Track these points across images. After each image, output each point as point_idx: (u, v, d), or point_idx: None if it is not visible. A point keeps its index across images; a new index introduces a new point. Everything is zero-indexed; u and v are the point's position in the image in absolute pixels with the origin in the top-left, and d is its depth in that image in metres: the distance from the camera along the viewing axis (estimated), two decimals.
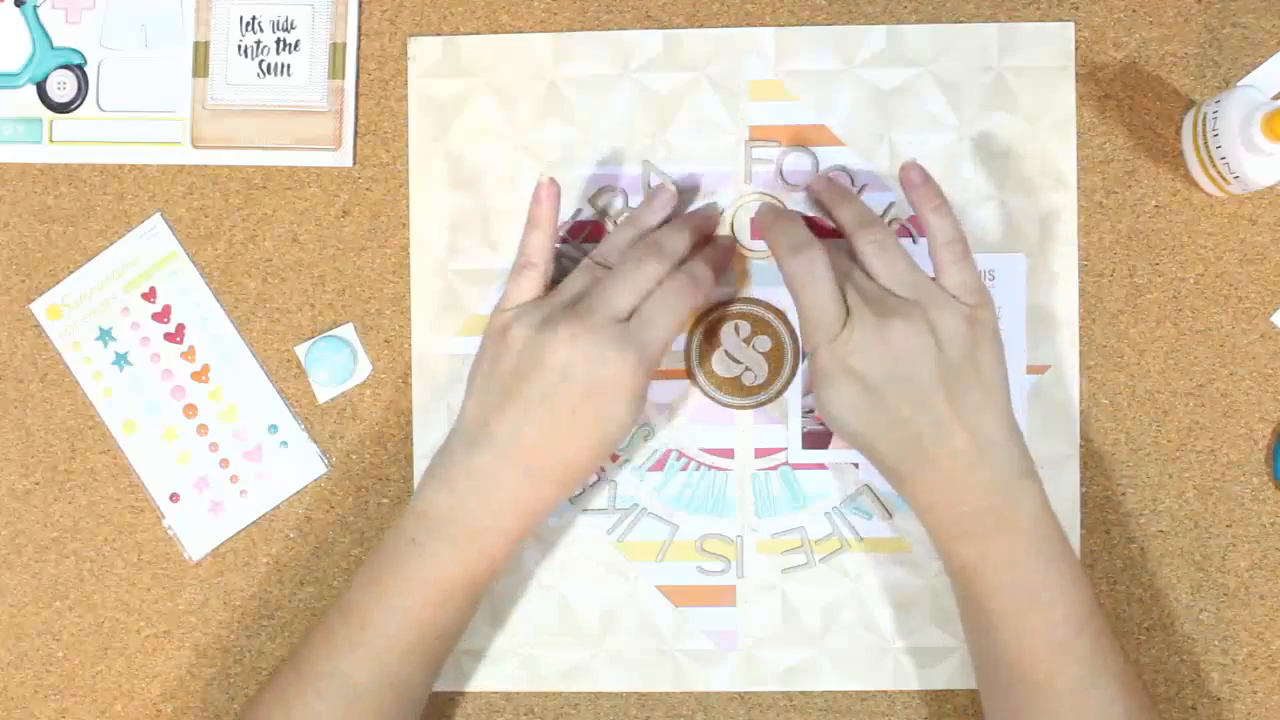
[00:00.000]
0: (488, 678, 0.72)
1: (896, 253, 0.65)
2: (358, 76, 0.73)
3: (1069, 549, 0.63)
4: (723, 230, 0.72)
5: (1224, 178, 0.68)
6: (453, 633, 0.65)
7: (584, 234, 0.73)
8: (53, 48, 0.74)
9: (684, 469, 0.72)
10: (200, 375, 0.73)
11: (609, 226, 0.73)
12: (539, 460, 0.63)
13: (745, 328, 0.73)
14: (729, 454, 0.72)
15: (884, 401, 0.62)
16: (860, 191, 0.72)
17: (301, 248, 0.73)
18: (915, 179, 0.66)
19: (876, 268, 0.64)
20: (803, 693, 0.72)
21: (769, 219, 0.68)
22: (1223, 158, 0.67)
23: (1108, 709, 0.62)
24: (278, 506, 0.73)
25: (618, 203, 0.73)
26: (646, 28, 0.73)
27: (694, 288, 0.65)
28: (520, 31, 0.73)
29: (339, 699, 0.63)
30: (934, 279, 0.64)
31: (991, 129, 0.72)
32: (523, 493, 0.63)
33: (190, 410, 0.73)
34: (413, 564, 0.63)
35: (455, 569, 0.63)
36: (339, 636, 0.64)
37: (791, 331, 0.72)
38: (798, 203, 0.72)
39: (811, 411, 0.72)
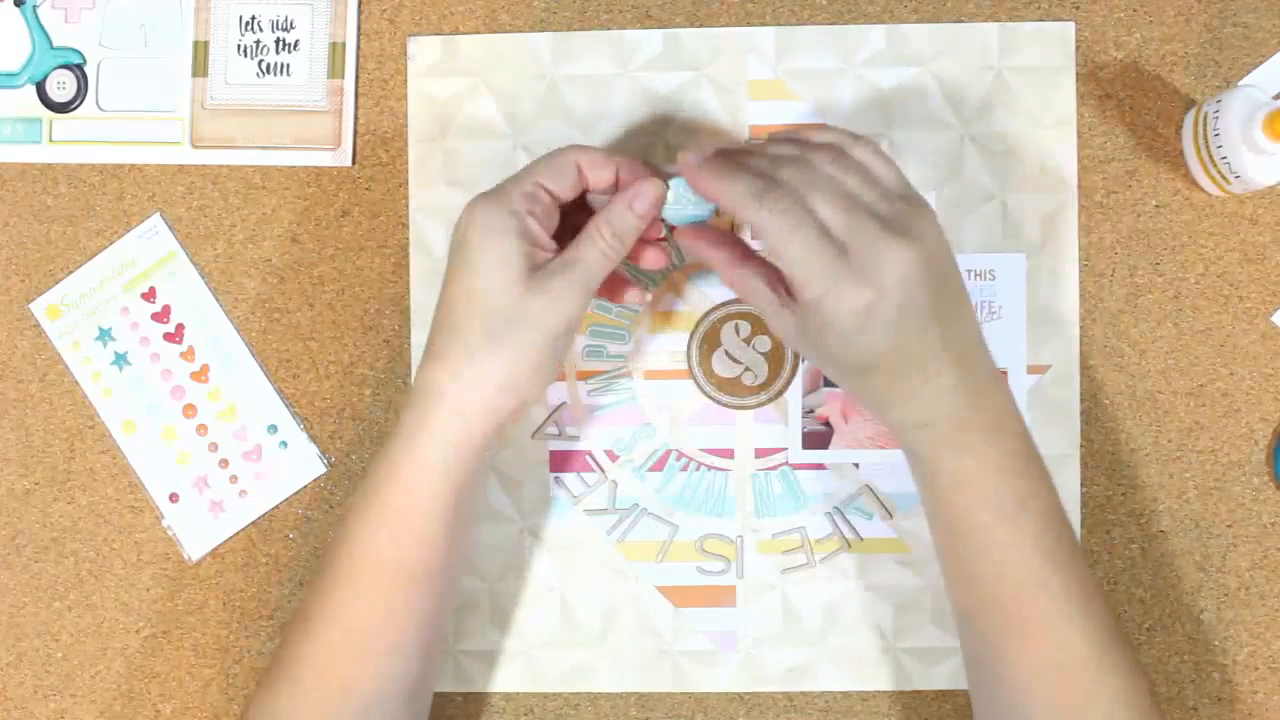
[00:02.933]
0: (488, 678, 0.72)
1: (851, 163, 0.60)
2: (357, 76, 0.73)
3: (1040, 455, 0.62)
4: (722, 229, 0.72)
5: (1225, 177, 0.68)
6: (398, 566, 0.62)
7: None
8: (52, 48, 0.74)
9: (684, 469, 0.72)
10: (200, 375, 0.73)
11: None
12: (432, 339, 0.62)
13: (745, 328, 0.73)
14: (729, 454, 0.72)
15: (890, 331, 0.58)
16: None
17: (301, 248, 0.73)
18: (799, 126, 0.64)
19: (847, 183, 0.59)
20: (803, 693, 0.72)
21: (707, 172, 0.61)
22: (1224, 157, 0.67)
23: (1095, 614, 0.60)
24: (277, 506, 0.73)
25: None
26: (646, 27, 0.73)
27: (572, 150, 0.63)
28: (520, 31, 0.73)
29: (298, 635, 0.63)
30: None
31: (991, 129, 0.72)
32: (424, 379, 0.61)
33: (190, 410, 0.73)
34: (355, 492, 0.64)
35: (374, 481, 0.62)
36: (314, 574, 0.65)
37: None
38: None
39: (812, 412, 0.72)
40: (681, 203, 0.64)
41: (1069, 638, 0.60)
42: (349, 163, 0.73)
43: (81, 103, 0.74)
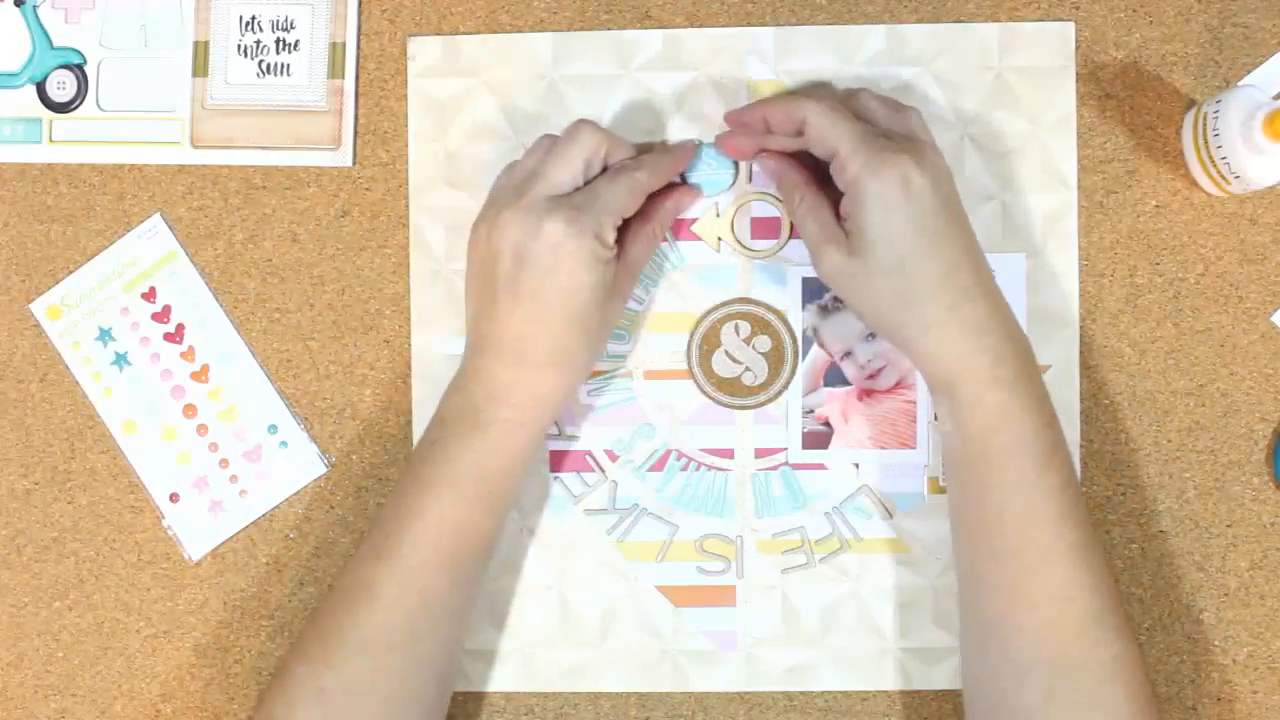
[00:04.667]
0: (488, 678, 0.72)
1: (892, 105, 0.67)
2: (357, 76, 0.73)
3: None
4: (723, 231, 0.72)
5: (1224, 177, 0.68)
6: (476, 537, 0.65)
7: None
8: (52, 48, 0.74)
9: (684, 469, 0.72)
10: (200, 375, 0.73)
11: None
12: (524, 347, 0.64)
13: (745, 328, 0.72)
14: (729, 454, 0.72)
15: (925, 212, 0.62)
16: None
17: (301, 248, 0.73)
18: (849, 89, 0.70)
19: (874, 110, 0.66)
20: (803, 693, 0.72)
21: (754, 104, 0.69)
22: (1223, 158, 0.67)
23: (1101, 576, 0.62)
24: (278, 506, 0.73)
25: None
26: (646, 28, 0.73)
27: (641, 170, 0.66)
28: (520, 31, 0.73)
29: (364, 609, 0.64)
30: None
31: (991, 129, 0.72)
32: (518, 382, 0.64)
33: (190, 410, 0.73)
34: (429, 465, 0.65)
35: (466, 464, 0.64)
36: (367, 549, 0.65)
37: (791, 331, 0.72)
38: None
39: (812, 412, 0.72)
40: (704, 167, 0.71)
41: (1075, 597, 0.62)
42: (349, 163, 0.73)
43: (81, 103, 0.74)
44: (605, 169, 0.66)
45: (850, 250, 0.63)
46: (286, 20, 0.73)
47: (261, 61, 0.73)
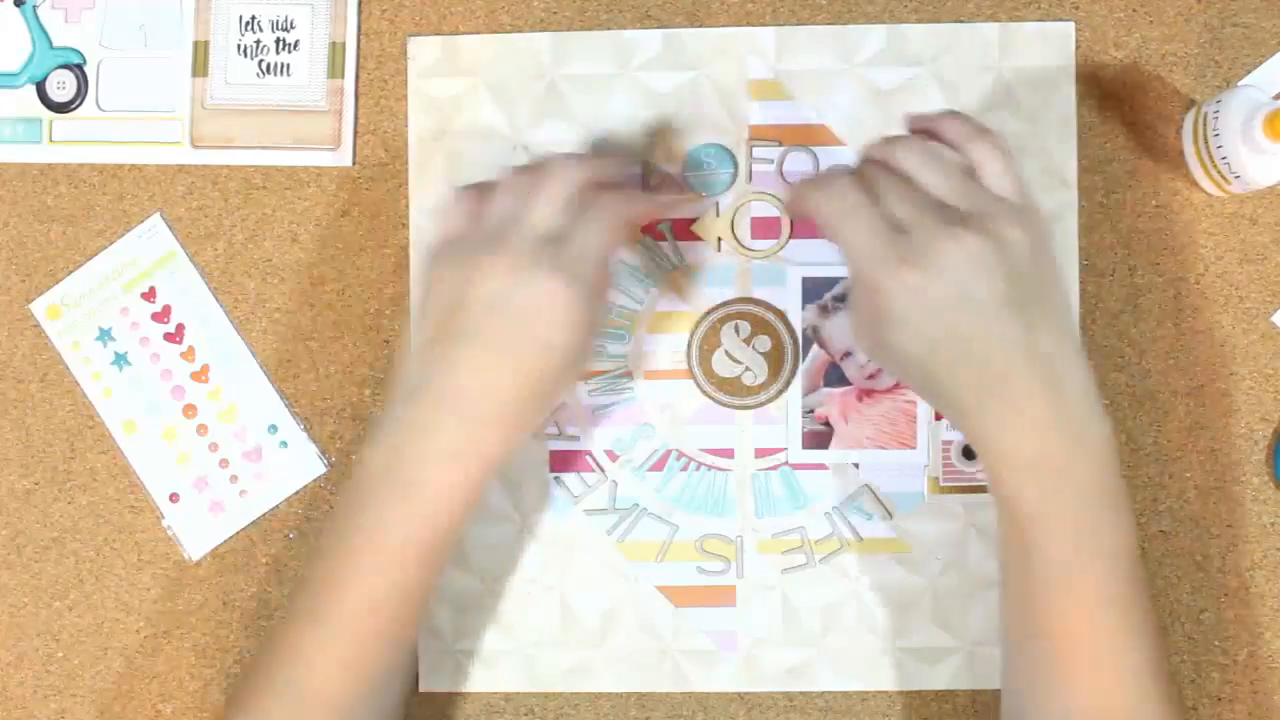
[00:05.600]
0: (488, 678, 0.72)
1: (939, 159, 0.60)
2: (357, 76, 0.73)
3: (1125, 488, 0.59)
4: (723, 231, 0.72)
5: (1225, 178, 0.68)
6: (414, 599, 0.61)
7: None
8: (52, 47, 0.74)
9: (684, 469, 0.72)
10: (200, 375, 0.73)
11: None
12: (479, 401, 0.59)
13: (745, 328, 0.73)
14: (729, 454, 0.72)
15: (956, 327, 0.56)
16: None
17: (301, 248, 0.73)
18: (927, 114, 0.64)
19: (923, 178, 0.59)
20: (803, 693, 0.72)
21: (797, 193, 0.65)
22: (1224, 158, 0.67)
23: (1150, 653, 0.59)
24: (277, 506, 0.73)
25: None
26: (646, 27, 0.73)
27: (626, 202, 0.62)
28: (520, 31, 0.73)
29: (300, 670, 0.61)
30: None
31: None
32: (465, 439, 0.59)
33: (190, 410, 0.73)
34: (358, 534, 0.60)
35: (401, 532, 0.59)
36: (300, 611, 0.61)
37: (791, 331, 0.72)
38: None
39: (812, 412, 0.72)
40: (704, 167, 0.71)
41: (1112, 686, 0.59)
42: (349, 163, 0.73)
43: (81, 103, 0.74)
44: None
45: (874, 346, 0.60)
46: (286, 20, 0.73)
47: (261, 61, 0.73)
